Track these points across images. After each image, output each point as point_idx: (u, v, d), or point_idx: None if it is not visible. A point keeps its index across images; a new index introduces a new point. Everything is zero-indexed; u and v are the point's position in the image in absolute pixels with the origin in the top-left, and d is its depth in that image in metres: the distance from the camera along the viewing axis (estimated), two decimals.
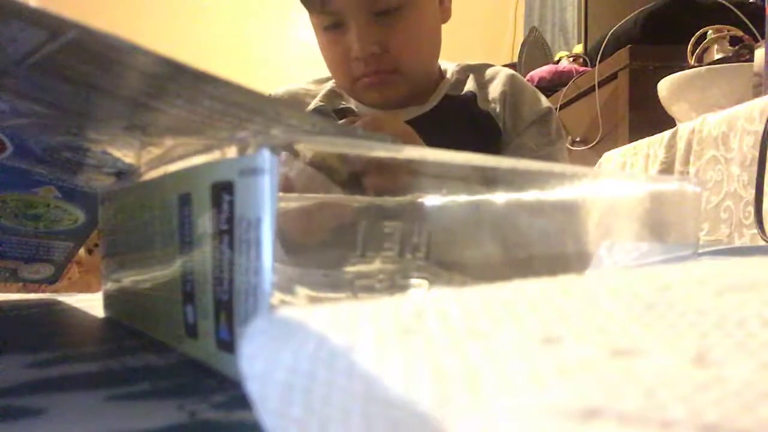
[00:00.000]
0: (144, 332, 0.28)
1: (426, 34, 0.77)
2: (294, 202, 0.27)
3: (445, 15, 0.80)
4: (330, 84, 0.86)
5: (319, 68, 0.83)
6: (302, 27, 2.90)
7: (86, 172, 0.34)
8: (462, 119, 0.79)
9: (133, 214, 0.29)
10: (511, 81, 0.83)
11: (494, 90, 0.82)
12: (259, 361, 0.12)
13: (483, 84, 0.83)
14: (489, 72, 0.85)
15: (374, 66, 0.73)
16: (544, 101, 0.84)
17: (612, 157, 1.31)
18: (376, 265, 0.26)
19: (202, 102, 0.20)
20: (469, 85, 0.82)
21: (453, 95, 0.81)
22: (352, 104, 0.83)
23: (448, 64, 0.86)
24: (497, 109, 0.79)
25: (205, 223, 0.21)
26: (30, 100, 0.24)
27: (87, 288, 0.47)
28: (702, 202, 0.93)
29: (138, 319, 0.29)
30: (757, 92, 0.99)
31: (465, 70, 0.85)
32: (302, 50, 2.60)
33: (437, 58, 0.82)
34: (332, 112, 0.81)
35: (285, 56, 2.82)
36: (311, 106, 0.82)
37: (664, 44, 1.44)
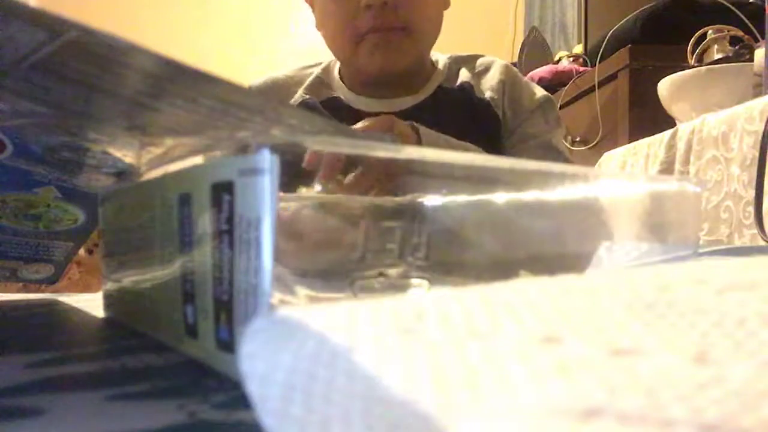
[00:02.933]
0: (144, 332, 0.28)
1: (433, 3, 0.76)
2: (294, 202, 0.27)
3: (446, 0, 0.81)
4: (316, 71, 0.84)
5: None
6: (304, 28, 2.90)
7: (86, 172, 0.34)
8: (459, 108, 0.79)
9: (133, 214, 0.29)
10: (506, 71, 0.83)
11: (491, 79, 0.81)
12: (259, 361, 0.12)
13: (477, 74, 0.83)
14: (481, 62, 0.85)
15: (382, 19, 0.71)
16: (540, 89, 0.84)
17: (612, 157, 1.31)
18: (376, 265, 0.26)
19: (202, 102, 0.20)
20: (463, 76, 0.81)
21: (447, 87, 0.81)
22: (339, 93, 0.81)
23: (439, 56, 0.86)
24: (495, 98, 0.79)
25: (205, 223, 0.21)
26: (30, 100, 0.24)
27: (87, 288, 0.47)
28: (702, 202, 0.93)
29: (138, 319, 0.29)
30: (757, 92, 0.99)
31: (456, 62, 0.84)
32: (303, 51, 2.60)
33: (436, 39, 0.80)
34: (319, 105, 0.79)
35: (286, 57, 2.82)
36: (296, 97, 0.81)
37: (664, 44, 1.44)
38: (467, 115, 0.78)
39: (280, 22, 2.89)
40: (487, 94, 0.80)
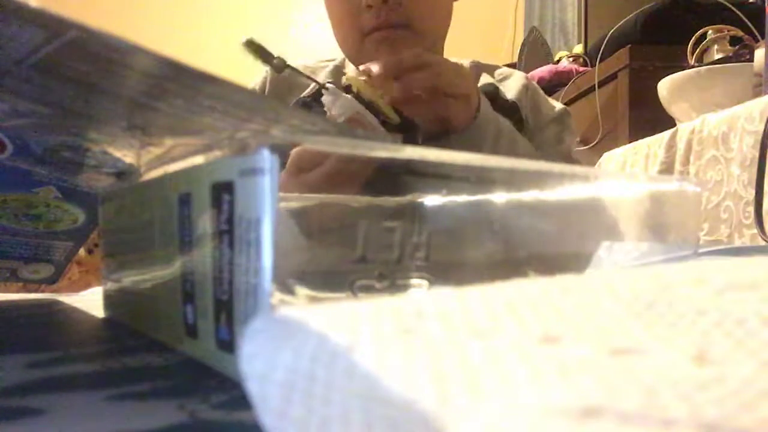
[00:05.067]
0: (144, 332, 0.28)
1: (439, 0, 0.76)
2: (294, 202, 0.27)
3: None
4: (334, 62, 0.83)
5: None
6: (303, 28, 2.90)
7: (86, 172, 0.34)
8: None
9: (133, 214, 0.29)
10: (527, 80, 0.84)
11: (514, 84, 0.82)
12: (259, 361, 0.12)
13: (498, 80, 0.83)
14: (501, 71, 0.86)
15: (386, 17, 0.70)
16: (558, 103, 0.86)
17: (612, 157, 1.31)
18: (376, 265, 0.26)
19: (202, 102, 0.20)
20: (486, 79, 0.81)
21: None
22: None
23: (461, 60, 0.85)
24: (520, 100, 0.80)
25: (205, 223, 0.21)
26: (30, 100, 0.24)
27: (87, 288, 0.47)
28: (702, 202, 0.93)
29: (138, 319, 0.29)
30: (757, 92, 0.99)
31: (477, 67, 0.85)
32: (303, 54, 2.59)
33: (445, 34, 0.80)
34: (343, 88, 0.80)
35: (285, 57, 2.81)
36: (321, 78, 0.80)
37: (664, 44, 1.44)
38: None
39: (281, 25, 2.88)
40: (510, 95, 0.80)
